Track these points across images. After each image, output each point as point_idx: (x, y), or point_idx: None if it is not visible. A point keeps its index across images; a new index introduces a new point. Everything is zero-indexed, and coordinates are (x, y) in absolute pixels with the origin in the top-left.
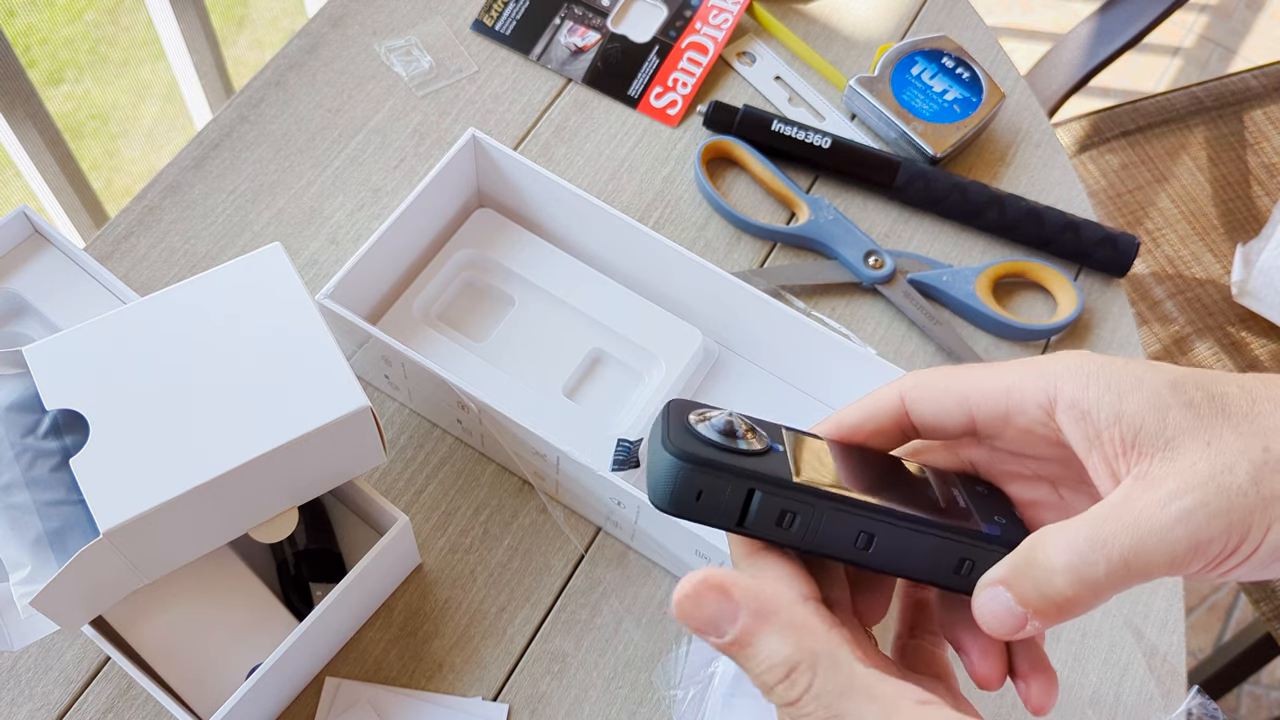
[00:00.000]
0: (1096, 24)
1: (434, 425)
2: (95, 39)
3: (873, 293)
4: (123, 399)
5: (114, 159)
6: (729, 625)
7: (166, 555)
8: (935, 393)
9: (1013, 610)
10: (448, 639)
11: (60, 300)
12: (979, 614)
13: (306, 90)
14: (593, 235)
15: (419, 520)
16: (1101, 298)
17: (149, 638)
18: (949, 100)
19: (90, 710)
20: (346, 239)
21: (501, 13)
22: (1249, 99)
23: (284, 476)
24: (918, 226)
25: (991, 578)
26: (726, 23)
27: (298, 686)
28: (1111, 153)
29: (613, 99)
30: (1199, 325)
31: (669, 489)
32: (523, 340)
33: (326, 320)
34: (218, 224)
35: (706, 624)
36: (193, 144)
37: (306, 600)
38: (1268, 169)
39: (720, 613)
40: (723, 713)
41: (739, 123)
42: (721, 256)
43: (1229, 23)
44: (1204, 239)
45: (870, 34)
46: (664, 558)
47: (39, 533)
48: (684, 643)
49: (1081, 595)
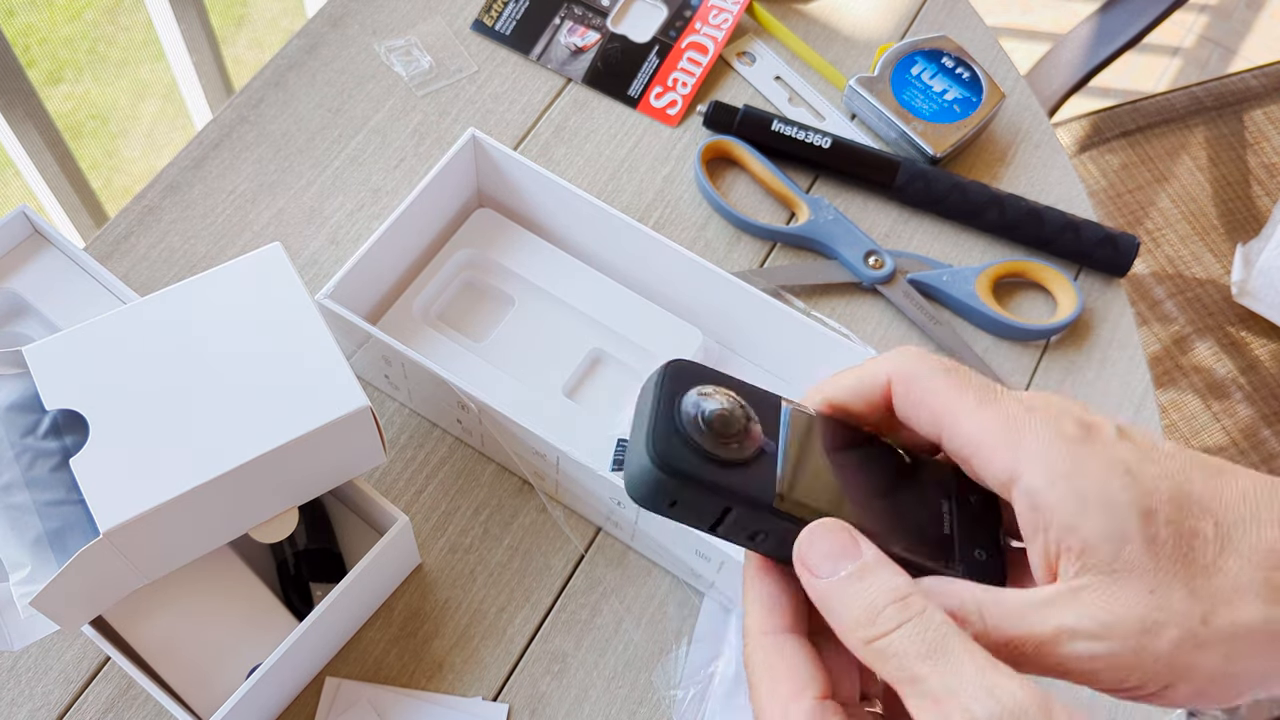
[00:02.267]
0: (1096, 24)
1: (434, 425)
2: (94, 39)
3: (873, 293)
4: (123, 399)
5: (114, 159)
6: (848, 562)
7: (166, 555)
8: (915, 400)
9: (830, 563)
10: (448, 639)
11: (60, 300)
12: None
13: (306, 90)
14: (593, 235)
15: (419, 520)
16: (1101, 298)
17: (149, 638)
18: (949, 100)
19: (90, 710)
20: (346, 239)
21: (501, 13)
22: (1249, 99)
23: (284, 476)
24: (918, 226)
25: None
26: (726, 23)
27: (298, 686)
28: (1111, 153)
29: (613, 99)
30: (1199, 325)
31: (642, 490)
32: (523, 340)
33: (326, 320)
34: (218, 224)
35: (825, 558)
36: (193, 144)
37: (306, 600)
38: (1268, 169)
39: (845, 548)
40: (723, 713)
41: (739, 123)
42: (721, 256)
43: (1229, 23)
44: (1204, 239)
45: (870, 34)
46: (664, 558)
47: (39, 533)
48: (684, 643)
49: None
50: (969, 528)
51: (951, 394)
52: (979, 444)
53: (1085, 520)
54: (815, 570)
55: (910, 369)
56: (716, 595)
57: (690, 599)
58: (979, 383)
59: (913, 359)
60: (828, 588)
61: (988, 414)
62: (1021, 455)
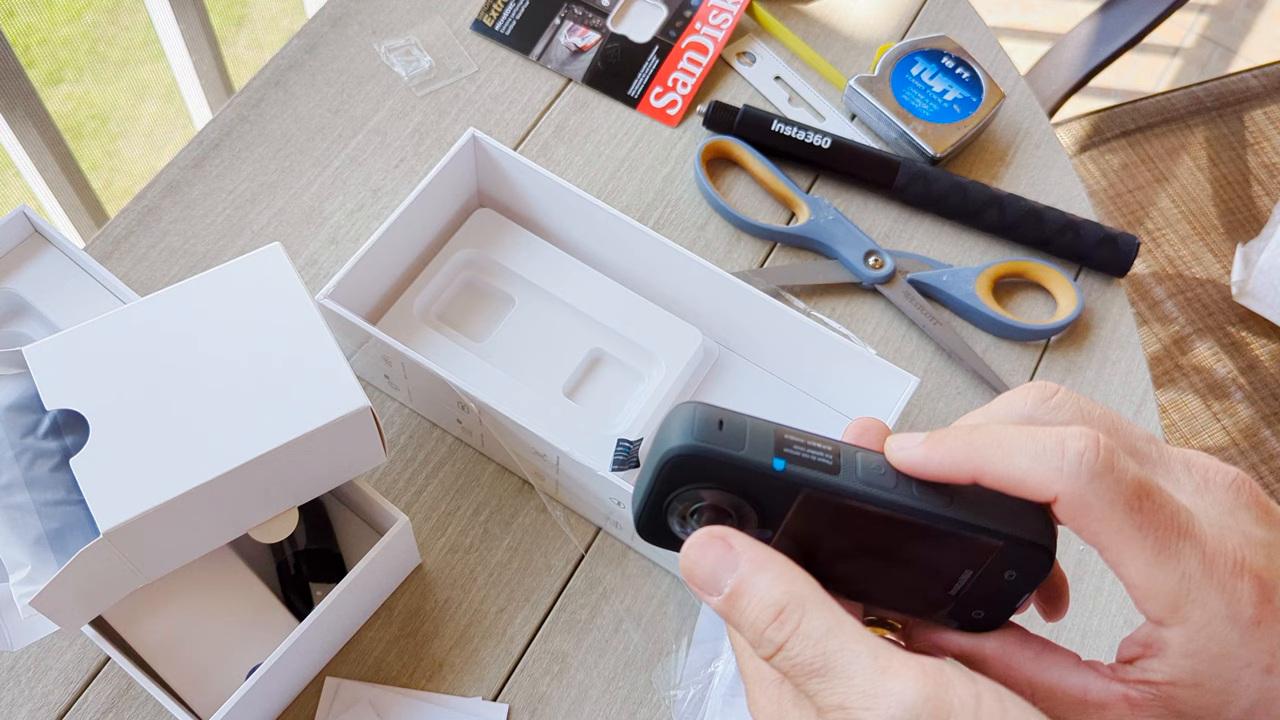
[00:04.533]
0: (1096, 24)
1: (434, 425)
2: (94, 39)
3: (873, 293)
4: (123, 399)
5: (114, 159)
6: (729, 575)
7: (166, 555)
8: (1080, 528)
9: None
10: (448, 639)
11: (60, 300)
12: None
13: (306, 90)
14: (593, 235)
15: (419, 520)
16: (1101, 298)
17: (149, 638)
18: (949, 100)
19: (90, 710)
20: (346, 239)
21: (501, 13)
22: (1249, 99)
23: (284, 476)
24: (918, 226)
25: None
26: (726, 23)
27: (298, 686)
28: (1111, 153)
29: (613, 99)
30: (1199, 325)
31: (643, 533)
32: (523, 340)
33: (326, 320)
34: (217, 224)
35: (709, 576)
36: (192, 144)
37: (306, 600)
38: (1268, 169)
39: (721, 562)
40: (723, 713)
41: (739, 123)
42: (721, 256)
43: (1229, 23)
44: (1204, 239)
45: (870, 34)
46: (664, 558)
47: (39, 533)
48: (684, 643)
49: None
50: (982, 594)
51: (1127, 535)
52: (1138, 589)
53: (1196, 696)
54: (705, 591)
55: (1085, 498)
56: None
57: (690, 599)
58: (1163, 524)
59: (1088, 483)
60: (721, 609)
61: (1161, 571)
62: (1176, 616)
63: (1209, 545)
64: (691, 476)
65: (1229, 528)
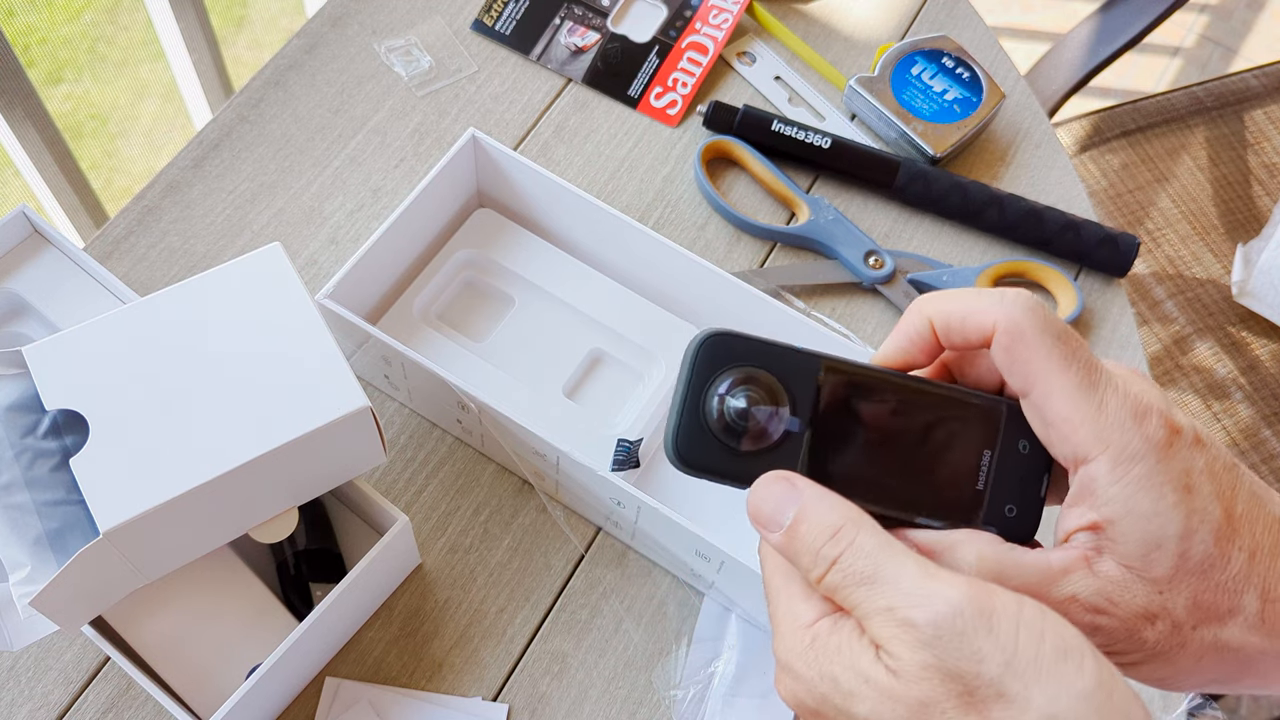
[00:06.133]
0: (1096, 24)
1: (434, 425)
2: (94, 39)
3: (873, 293)
4: (123, 399)
5: (113, 159)
6: (792, 507)
7: (166, 555)
8: (1015, 357)
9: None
10: (448, 639)
11: (60, 300)
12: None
13: (306, 90)
14: (593, 235)
15: (419, 520)
16: (1102, 298)
17: (149, 638)
18: (949, 100)
19: (90, 710)
20: (346, 239)
21: (501, 13)
22: (1249, 99)
23: (284, 476)
24: (918, 226)
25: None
26: (726, 23)
27: (298, 686)
28: (1111, 153)
29: (613, 99)
30: (1199, 325)
31: (675, 465)
32: (523, 340)
33: (326, 320)
34: (217, 224)
35: (775, 510)
36: (192, 144)
37: (306, 600)
38: (1268, 169)
39: (786, 497)
40: (723, 713)
41: (739, 123)
42: (721, 256)
43: (1229, 23)
44: (1204, 239)
45: (870, 34)
46: (664, 558)
47: (39, 533)
48: (684, 643)
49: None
50: (1007, 481)
51: (1055, 364)
52: (1065, 421)
53: (1132, 524)
54: (768, 528)
55: (1020, 324)
56: (716, 595)
57: (690, 599)
58: (1085, 360)
59: (1023, 311)
60: (781, 543)
61: (1085, 400)
62: (1099, 444)
63: (1120, 385)
64: (727, 357)
65: (1133, 381)
